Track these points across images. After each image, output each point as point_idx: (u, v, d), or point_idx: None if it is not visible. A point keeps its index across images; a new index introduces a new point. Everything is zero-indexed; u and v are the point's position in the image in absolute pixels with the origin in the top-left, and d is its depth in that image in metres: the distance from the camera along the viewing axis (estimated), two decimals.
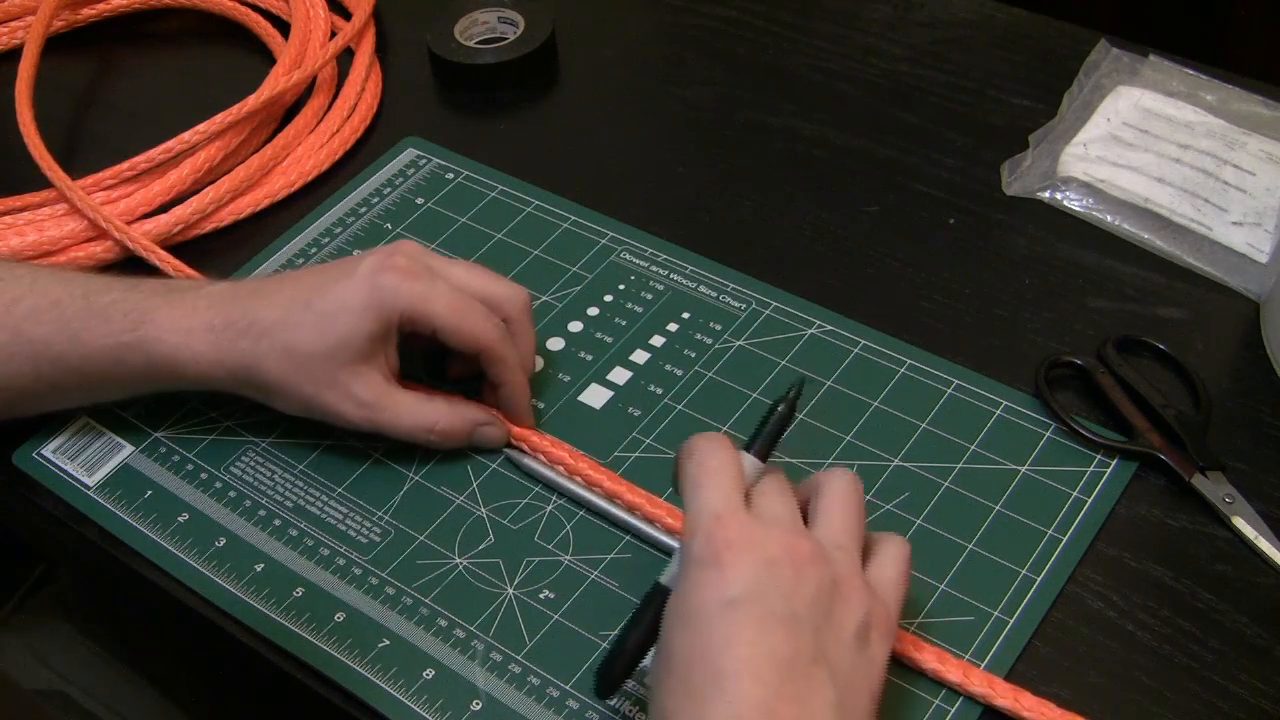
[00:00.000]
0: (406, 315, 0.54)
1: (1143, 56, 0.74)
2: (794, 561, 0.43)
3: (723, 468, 0.46)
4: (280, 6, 0.82)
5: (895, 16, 0.80)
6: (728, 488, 0.45)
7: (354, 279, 0.54)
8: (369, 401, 0.55)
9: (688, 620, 0.43)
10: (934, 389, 0.59)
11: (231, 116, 0.70)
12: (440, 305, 0.54)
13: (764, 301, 0.64)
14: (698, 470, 0.46)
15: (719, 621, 0.42)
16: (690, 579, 0.43)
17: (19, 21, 0.83)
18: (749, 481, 0.47)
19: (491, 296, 0.56)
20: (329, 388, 0.54)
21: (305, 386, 0.54)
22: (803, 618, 0.42)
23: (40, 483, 0.59)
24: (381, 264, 0.54)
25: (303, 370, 0.54)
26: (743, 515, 0.44)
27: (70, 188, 0.68)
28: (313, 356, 0.54)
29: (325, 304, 0.54)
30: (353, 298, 0.54)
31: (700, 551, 0.43)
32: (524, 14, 0.79)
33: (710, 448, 0.47)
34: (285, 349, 0.54)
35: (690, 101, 0.76)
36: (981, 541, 0.54)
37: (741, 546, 0.43)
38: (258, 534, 0.56)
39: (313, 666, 0.52)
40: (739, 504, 0.45)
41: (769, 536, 0.44)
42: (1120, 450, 0.56)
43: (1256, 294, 0.62)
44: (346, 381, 0.54)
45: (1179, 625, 0.51)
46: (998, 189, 0.69)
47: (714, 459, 0.46)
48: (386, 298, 0.54)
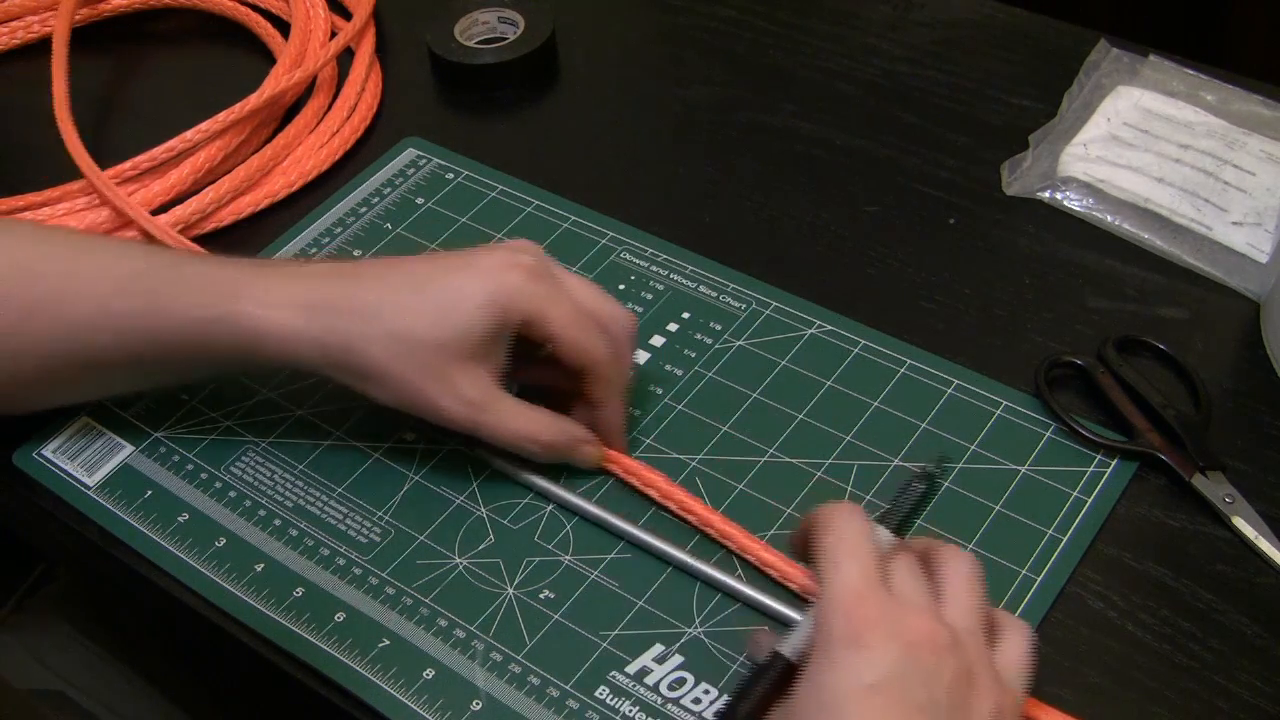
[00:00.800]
0: (526, 318, 0.52)
1: (1143, 56, 0.74)
2: (934, 647, 0.42)
3: (859, 541, 0.44)
4: (280, 6, 0.82)
5: (895, 16, 0.80)
6: (867, 564, 0.43)
7: (478, 272, 0.52)
8: (475, 400, 0.52)
9: (826, 703, 0.41)
10: (934, 389, 0.59)
11: (233, 115, 0.70)
12: (561, 314, 0.52)
13: (764, 301, 0.64)
14: (836, 544, 0.44)
15: (858, 705, 0.41)
16: (828, 659, 0.42)
17: (19, 21, 0.83)
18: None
19: (604, 315, 0.54)
20: (435, 380, 0.52)
21: (410, 375, 0.52)
22: (941, 705, 0.41)
23: (40, 483, 0.59)
24: (508, 261, 0.52)
25: (410, 358, 0.51)
26: (884, 595, 0.43)
27: (103, 180, 0.68)
28: (424, 345, 0.51)
29: (444, 293, 0.52)
30: (476, 290, 0.52)
31: (842, 631, 0.42)
32: (524, 14, 0.79)
33: (847, 519, 0.45)
34: (394, 334, 0.51)
35: (690, 101, 0.76)
36: (981, 541, 0.54)
37: (884, 627, 0.42)
38: (258, 534, 0.56)
39: (313, 666, 0.52)
40: (879, 582, 0.43)
41: (908, 619, 0.42)
42: (1120, 450, 0.56)
43: (1256, 294, 0.62)
44: (455, 377, 0.52)
45: (1179, 625, 0.51)
46: (998, 189, 0.69)
47: (852, 531, 0.44)
48: (511, 296, 0.52)
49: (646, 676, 0.50)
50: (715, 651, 0.51)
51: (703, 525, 0.54)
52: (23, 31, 0.83)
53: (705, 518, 0.54)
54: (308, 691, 0.52)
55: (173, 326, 0.53)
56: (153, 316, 0.53)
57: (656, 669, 0.50)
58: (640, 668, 0.51)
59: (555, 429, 0.54)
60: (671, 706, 0.49)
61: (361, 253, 0.68)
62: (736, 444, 0.57)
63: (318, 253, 0.68)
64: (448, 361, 0.51)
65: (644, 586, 0.53)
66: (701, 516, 0.54)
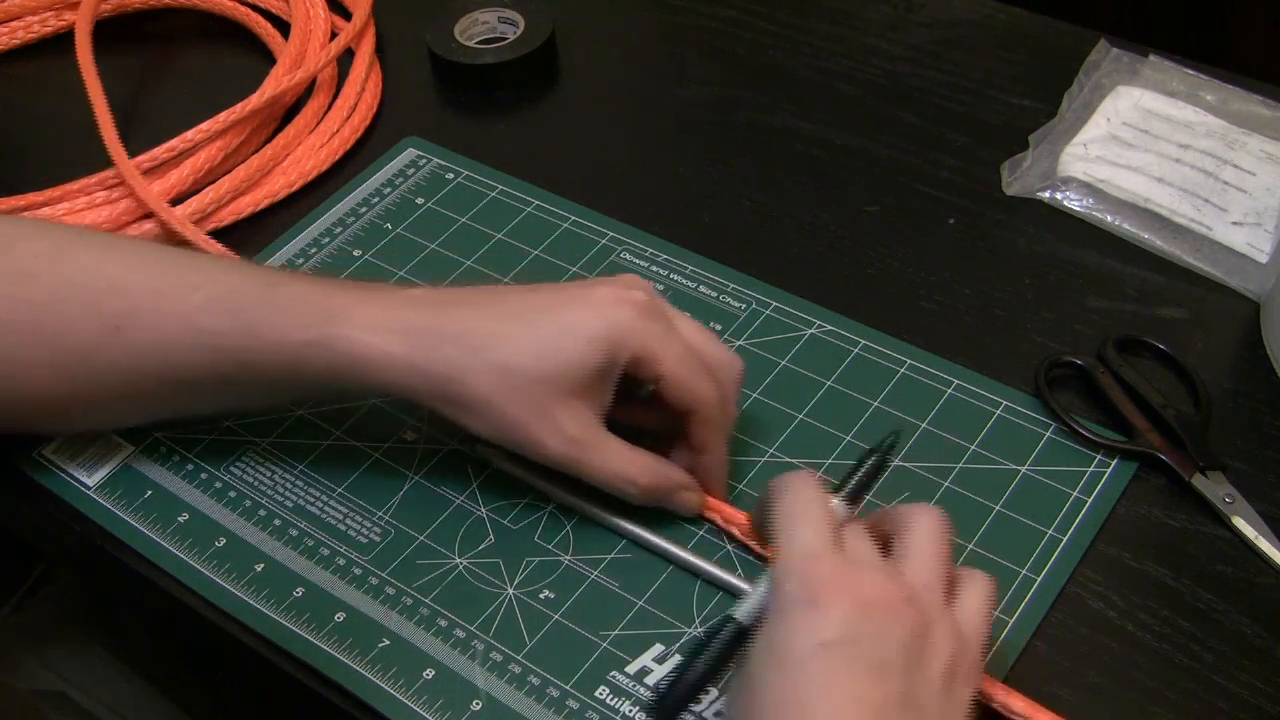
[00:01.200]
0: (637, 355, 0.50)
1: (1143, 56, 0.74)
2: (887, 605, 0.43)
3: (815, 506, 0.45)
4: (280, 6, 0.82)
5: (895, 16, 0.80)
6: (821, 526, 0.44)
7: (589, 306, 0.51)
8: (577, 438, 0.50)
9: (780, 660, 0.42)
10: (934, 389, 0.59)
11: (234, 115, 0.70)
12: (672, 355, 0.50)
13: (764, 301, 0.64)
14: (790, 508, 0.45)
15: (812, 664, 0.41)
16: (784, 620, 0.43)
17: (19, 21, 0.83)
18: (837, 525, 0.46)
19: (711, 359, 0.52)
20: (539, 416, 0.50)
21: (513, 409, 0.50)
22: (894, 663, 0.42)
23: (40, 483, 0.59)
24: (620, 296, 0.51)
25: (515, 391, 0.50)
26: (837, 556, 0.44)
27: (132, 172, 0.68)
28: (530, 378, 0.49)
29: (553, 326, 0.50)
30: (586, 325, 0.50)
31: (795, 591, 0.43)
32: (524, 14, 0.79)
33: (801, 486, 0.46)
34: (499, 365, 0.49)
35: (690, 101, 0.76)
36: (982, 541, 0.54)
37: (838, 588, 0.43)
38: (258, 534, 0.56)
39: (313, 666, 0.52)
40: (832, 544, 0.44)
41: (863, 579, 0.43)
42: (1120, 450, 0.56)
43: (1256, 294, 0.62)
44: (559, 413, 0.50)
45: (1179, 625, 0.51)
46: (998, 189, 0.69)
47: (806, 497, 0.45)
48: (623, 332, 0.50)
49: (646, 676, 0.50)
50: None
51: None
52: (23, 31, 0.83)
53: None
54: (308, 691, 0.52)
55: (264, 347, 0.51)
56: (243, 336, 0.51)
57: (656, 669, 0.50)
58: (640, 668, 0.51)
59: (657, 472, 0.53)
60: None
61: (362, 253, 0.68)
62: (737, 444, 0.57)
63: (318, 253, 0.68)
64: (553, 397, 0.50)
65: (644, 586, 0.53)
66: None
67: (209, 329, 0.52)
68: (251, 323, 0.51)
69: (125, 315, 0.52)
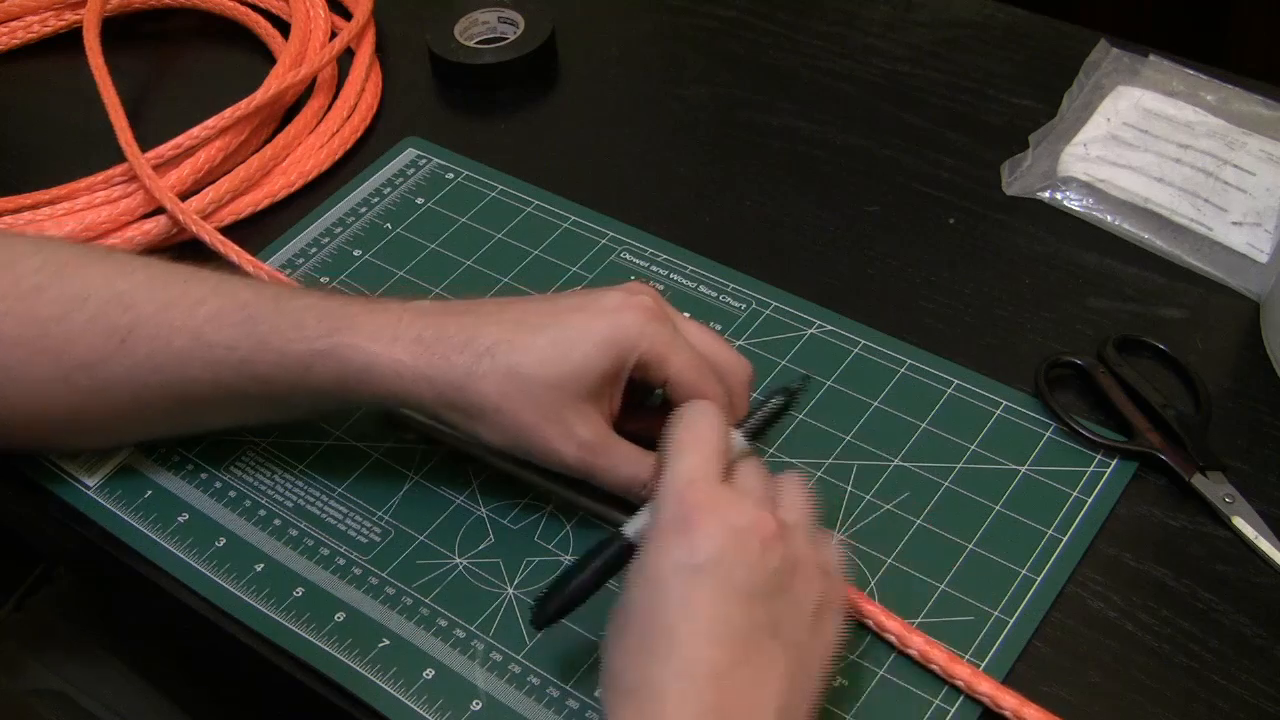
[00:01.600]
0: (644, 358, 0.50)
1: (1143, 56, 0.74)
2: (761, 535, 0.44)
3: (708, 436, 0.47)
4: (280, 6, 0.82)
5: (895, 16, 0.80)
6: (709, 455, 0.46)
7: (595, 312, 0.50)
8: (590, 442, 0.50)
9: (649, 580, 0.44)
10: (934, 389, 0.59)
11: (239, 111, 0.70)
12: (679, 357, 0.50)
13: (764, 301, 0.64)
14: (683, 434, 0.47)
15: (680, 585, 0.43)
16: (657, 541, 0.44)
17: (19, 21, 0.83)
18: (732, 457, 0.48)
19: (720, 362, 0.52)
20: (550, 420, 0.50)
21: (525, 414, 0.50)
22: (762, 591, 0.43)
23: (40, 483, 0.59)
24: (627, 301, 0.51)
25: (526, 396, 0.49)
26: (717, 484, 0.45)
27: (145, 168, 0.68)
28: (539, 383, 0.49)
29: (561, 331, 0.50)
30: (594, 330, 0.50)
31: (671, 515, 0.44)
32: (524, 14, 0.79)
33: (699, 415, 0.48)
34: (510, 371, 0.49)
35: (690, 101, 0.76)
36: (981, 541, 0.54)
37: (712, 514, 0.44)
38: (258, 534, 0.56)
39: (313, 666, 0.52)
40: (716, 473, 0.46)
41: (739, 508, 0.45)
42: (1120, 450, 0.56)
43: (1256, 294, 0.62)
44: (570, 417, 0.50)
45: (1179, 625, 0.51)
46: (998, 189, 0.69)
47: (701, 425, 0.47)
48: (630, 336, 0.50)
49: None
50: None
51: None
52: (23, 31, 0.83)
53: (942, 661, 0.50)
54: (308, 691, 0.52)
55: (272, 358, 0.51)
56: (251, 348, 0.51)
57: None
58: None
59: None
60: None
61: (361, 253, 0.68)
62: None
63: (318, 252, 0.68)
64: (563, 401, 0.50)
65: None
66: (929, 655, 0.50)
67: (217, 341, 0.52)
68: (260, 334, 0.51)
69: (131, 328, 0.52)
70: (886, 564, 0.53)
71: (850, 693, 0.49)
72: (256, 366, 0.52)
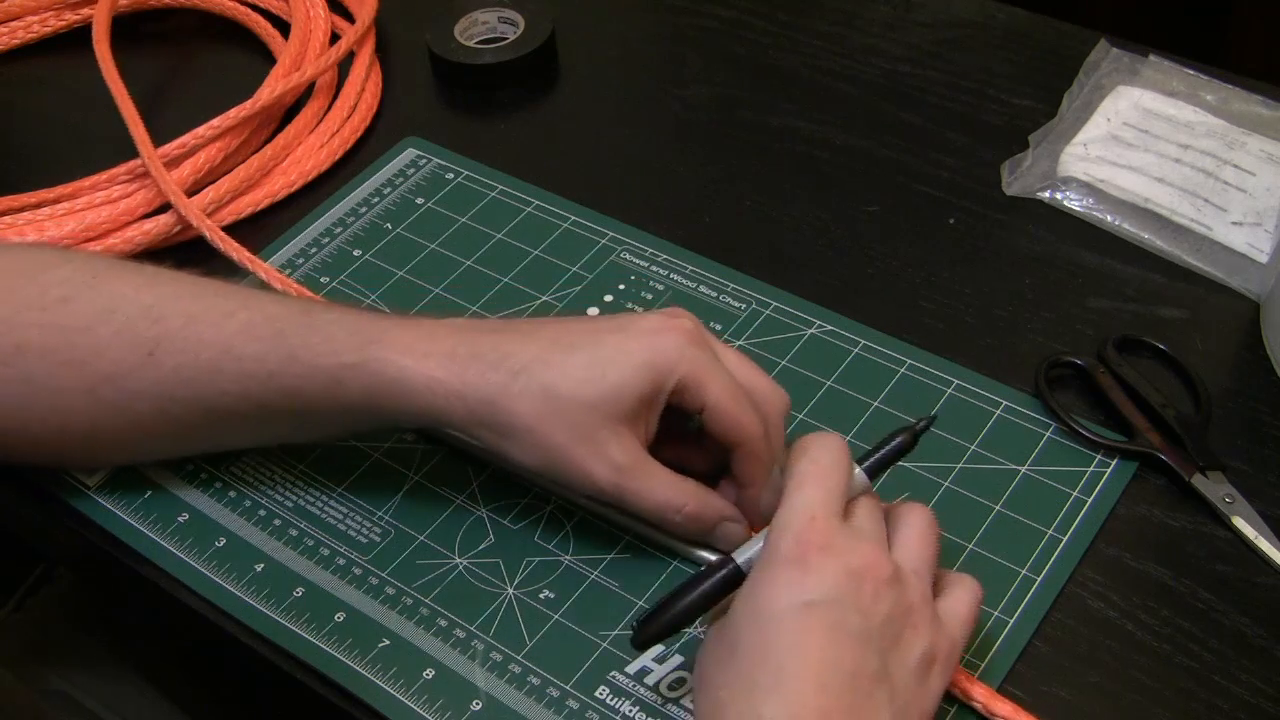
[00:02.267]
0: (682, 382, 0.49)
1: (1143, 56, 0.74)
2: (875, 578, 0.43)
3: (832, 471, 0.46)
4: (280, 7, 0.82)
5: (895, 16, 0.80)
6: (830, 490, 0.45)
7: (634, 333, 0.49)
8: (624, 465, 0.49)
9: (761, 614, 0.43)
10: (934, 389, 0.59)
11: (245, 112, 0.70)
12: (717, 383, 0.49)
13: (764, 301, 0.64)
14: (808, 467, 0.46)
15: (792, 622, 0.42)
16: (770, 573, 0.44)
17: (19, 21, 0.83)
18: (852, 494, 0.47)
19: (757, 391, 0.51)
20: (583, 442, 0.48)
21: (558, 434, 0.48)
22: (874, 635, 0.43)
23: (41, 484, 0.59)
24: (667, 324, 0.50)
25: (560, 416, 0.48)
26: (836, 522, 0.44)
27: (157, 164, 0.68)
28: (575, 403, 0.48)
29: (598, 352, 0.49)
30: (633, 351, 0.49)
31: (788, 549, 0.44)
32: (524, 14, 0.79)
33: (826, 448, 0.46)
34: (545, 389, 0.48)
35: (690, 101, 0.76)
36: (981, 541, 0.54)
37: (829, 551, 0.43)
38: (258, 534, 0.56)
39: (313, 666, 0.52)
40: (836, 510, 0.45)
41: (856, 548, 0.44)
42: (1120, 450, 0.56)
43: (1256, 294, 0.62)
44: (604, 439, 0.48)
45: (1179, 625, 0.51)
46: (998, 189, 0.69)
47: (827, 459, 0.46)
48: (670, 358, 0.49)
49: (646, 676, 0.50)
50: None
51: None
52: (23, 31, 0.83)
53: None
54: (308, 691, 0.52)
55: (302, 370, 0.50)
56: (281, 360, 0.51)
57: (656, 669, 0.50)
58: (640, 668, 0.51)
59: (703, 500, 0.51)
60: (671, 706, 0.49)
61: (362, 253, 0.68)
62: None
63: (318, 252, 0.68)
64: (599, 423, 0.48)
65: (644, 586, 0.53)
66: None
67: (246, 354, 0.51)
68: (290, 347, 0.51)
69: (159, 340, 0.52)
70: None
71: None
72: (286, 380, 0.51)
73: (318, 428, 0.54)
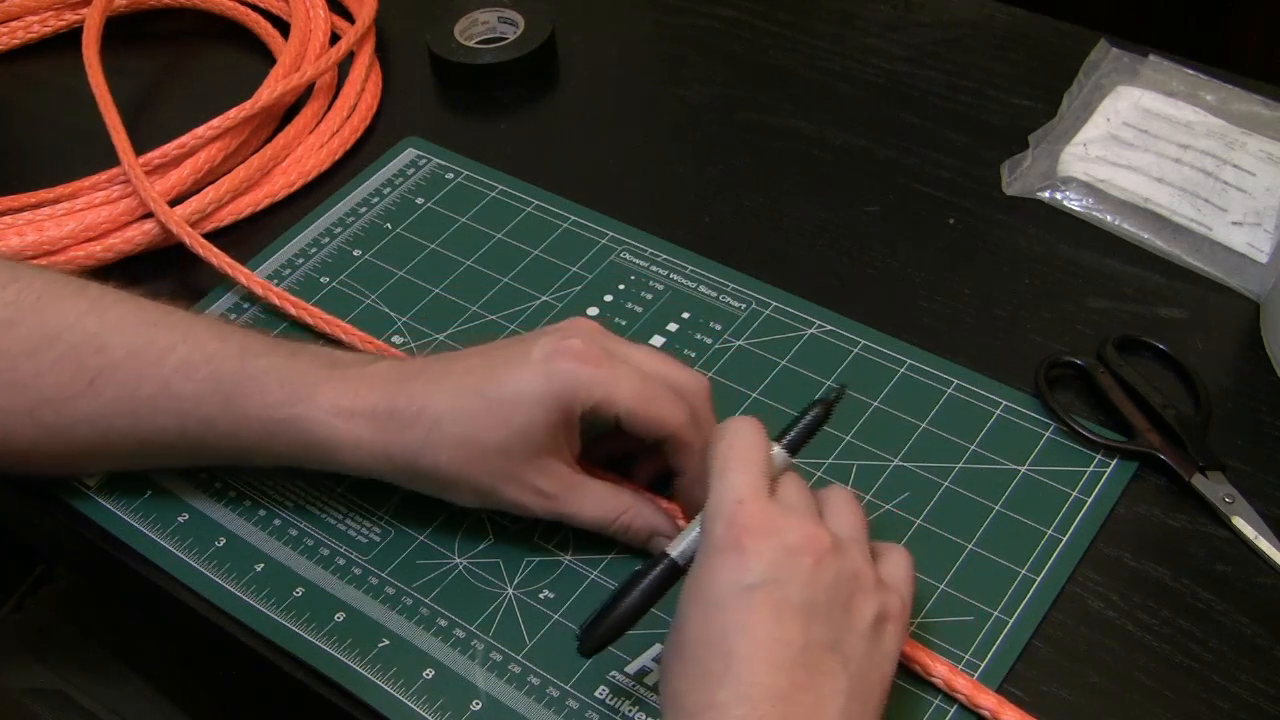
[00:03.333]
0: (590, 404, 0.50)
1: (1143, 56, 0.74)
2: (814, 551, 0.44)
3: (752, 452, 0.46)
4: (280, 7, 0.82)
5: (895, 16, 0.80)
6: (755, 473, 0.45)
7: (528, 366, 0.50)
8: (552, 493, 0.51)
9: (704, 603, 0.43)
10: (934, 389, 0.59)
11: (244, 113, 0.70)
12: (625, 392, 0.50)
13: (764, 301, 0.64)
14: (727, 452, 0.46)
15: (735, 606, 0.43)
16: (709, 562, 0.44)
17: (19, 21, 0.83)
18: (775, 473, 0.47)
19: (675, 383, 0.52)
20: (509, 481, 0.50)
21: (483, 480, 0.51)
22: (819, 607, 0.43)
23: (40, 483, 0.59)
24: (556, 348, 0.50)
25: (480, 463, 0.50)
26: (766, 502, 0.45)
27: (137, 170, 0.68)
28: (490, 450, 0.50)
29: (499, 392, 0.50)
30: (529, 386, 0.49)
31: (722, 536, 0.44)
32: (524, 14, 0.79)
33: (742, 431, 0.47)
34: (459, 440, 0.50)
35: (690, 101, 0.76)
36: (981, 541, 0.54)
37: (763, 533, 0.44)
38: (258, 534, 0.56)
39: (313, 666, 0.52)
40: (764, 490, 0.45)
41: (790, 525, 0.44)
42: (1120, 450, 0.56)
43: (1256, 294, 0.62)
44: (528, 474, 0.50)
45: (1179, 625, 0.51)
46: (998, 189, 0.69)
47: (743, 441, 0.47)
48: (566, 386, 0.49)
49: (646, 676, 0.50)
50: None
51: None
52: (23, 31, 0.83)
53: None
54: (308, 691, 0.52)
55: (236, 418, 0.52)
56: (216, 405, 0.52)
57: (656, 669, 0.50)
58: (640, 668, 0.51)
59: (633, 514, 0.52)
60: None
61: (361, 253, 0.68)
62: None
63: (318, 252, 0.68)
64: (518, 462, 0.50)
65: None
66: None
67: (183, 394, 0.52)
68: (224, 393, 0.52)
69: (101, 370, 0.52)
70: None
71: None
72: (221, 424, 0.52)
73: (258, 464, 0.55)
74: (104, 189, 0.70)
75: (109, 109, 0.71)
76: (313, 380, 0.52)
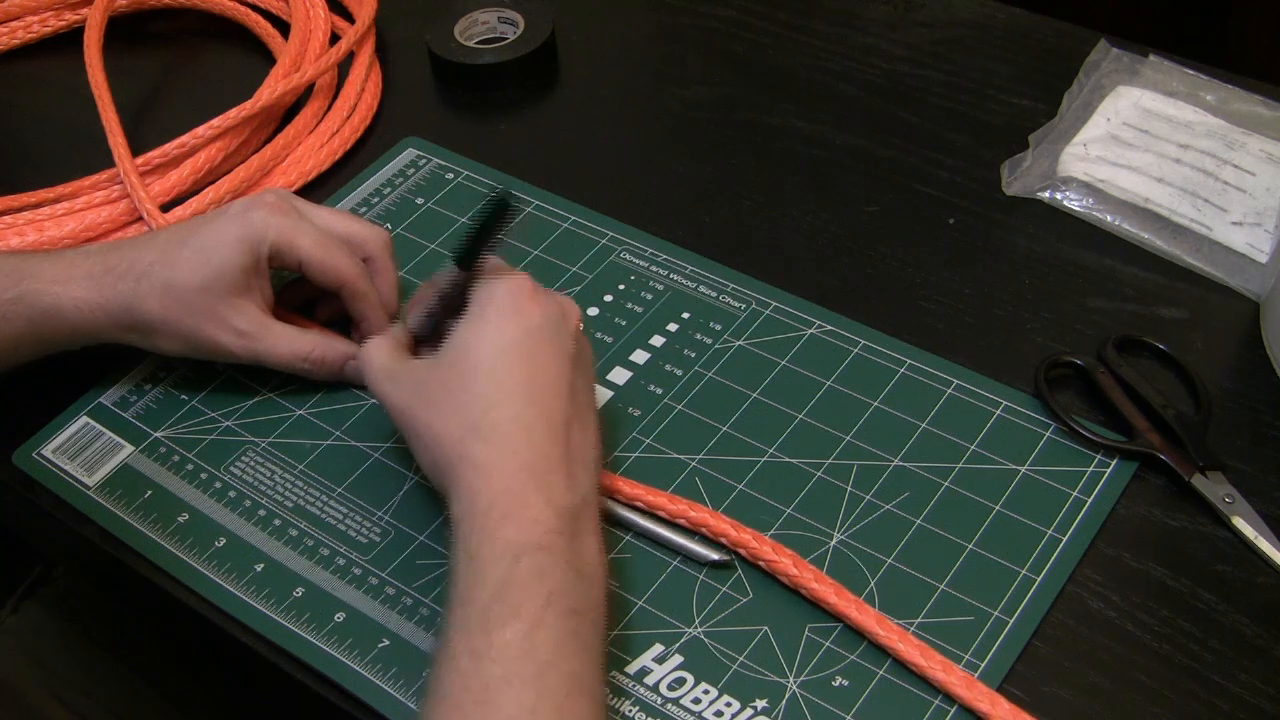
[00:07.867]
0: (275, 248, 0.58)
1: (1143, 56, 0.74)
2: (562, 314, 0.53)
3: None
4: (280, 7, 0.82)
5: (895, 16, 0.80)
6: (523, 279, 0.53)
7: (226, 217, 0.58)
8: (247, 331, 0.58)
9: (496, 345, 0.51)
10: (934, 389, 0.59)
11: (244, 113, 0.70)
12: (306, 240, 0.58)
13: (764, 301, 0.64)
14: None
15: (526, 343, 0.51)
16: (494, 318, 0.52)
17: (19, 21, 0.83)
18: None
19: (354, 236, 0.61)
20: (208, 320, 0.58)
21: (185, 320, 0.57)
22: (568, 347, 0.52)
23: (40, 483, 0.59)
24: (251, 202, 0.59)
25: (182, 305, 0.57)
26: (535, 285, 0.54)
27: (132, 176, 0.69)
28: (191, 290, 0.57)
29: (200, 240, 0.57)
30: (226, 233, 0.57)
31: (508, 302, 0.53)
32: (524, 14, 0.79)
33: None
34: (164, 285, 0.57)
35: (690, 101, 0.76)
36: (981, 541, 0.54)
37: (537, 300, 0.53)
38: (258, 534, 0.56)
39: (313, 666, 0.52)
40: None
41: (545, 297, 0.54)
42: (1120, 450, 0.56)
43: (1256, 294, 0.62)
44: (225, 313, 0.58)
45: (1179, 625, 0.51)
46: (998, 189, 0.69)
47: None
48: (257, 231, 0.57)
49: (646, 676, 0.50)
50: (715, 651, 0.51)
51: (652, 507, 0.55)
52: (23, 31, 0.83)
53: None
54: (308, 691, 0.52)
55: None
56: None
57: (656, 669, 0.50)
58: (640, 668, 0.51)
59: (324, 346, 0.60)
60: (671, 706, 0.49)
61: None
62: (736, 444, 0.57)
63: None
64: (215, 301, 0.57)
65: (644, 586, 0.53)
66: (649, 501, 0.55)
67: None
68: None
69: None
70: (886, 564, 0.53)
71: (850, 693, 0.49)
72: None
73: (10, 361, 0.60)
74: (104, 189, 0.70)
75: (108, 109, 0.71)
76: (34, 262, 0.59)
